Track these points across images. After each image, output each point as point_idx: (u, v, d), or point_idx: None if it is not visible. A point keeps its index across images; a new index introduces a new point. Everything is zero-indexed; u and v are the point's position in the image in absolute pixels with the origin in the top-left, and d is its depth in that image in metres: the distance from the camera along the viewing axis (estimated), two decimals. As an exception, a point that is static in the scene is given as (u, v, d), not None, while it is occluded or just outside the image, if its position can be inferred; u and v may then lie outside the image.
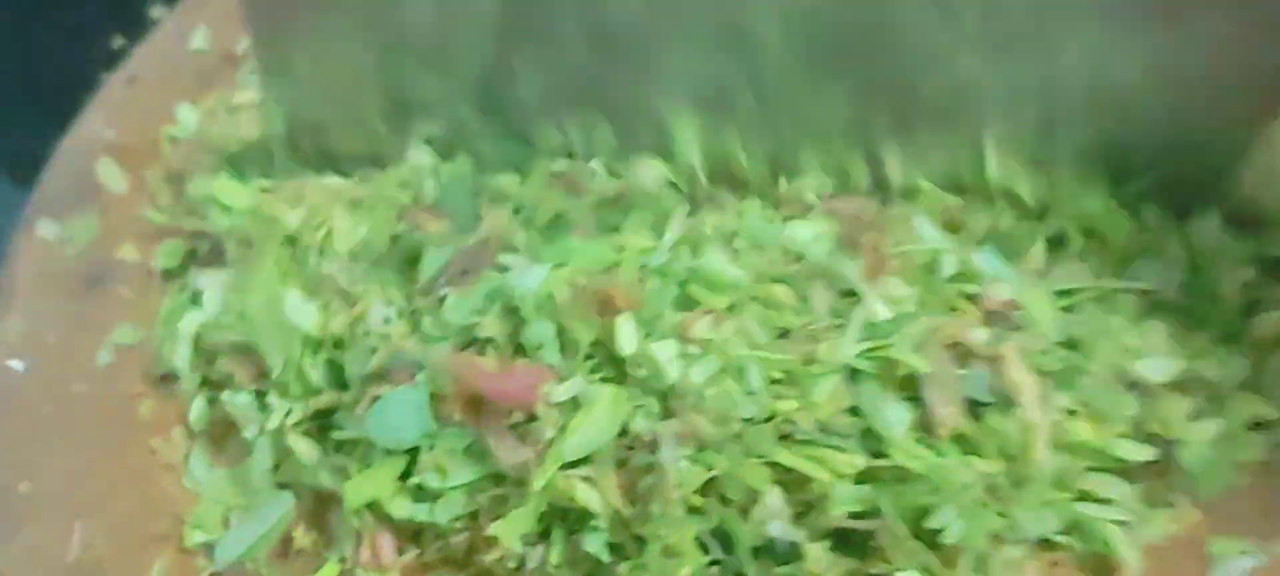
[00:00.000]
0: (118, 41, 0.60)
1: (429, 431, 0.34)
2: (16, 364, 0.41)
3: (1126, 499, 0.34)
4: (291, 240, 0.40)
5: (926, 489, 0.32)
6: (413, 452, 0.35)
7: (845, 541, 0.33)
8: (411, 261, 0.38)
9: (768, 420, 0.33)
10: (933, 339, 0.34)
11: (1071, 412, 0.34)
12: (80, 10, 0.66)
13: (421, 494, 0.35)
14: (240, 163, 0.42)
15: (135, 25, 0.58)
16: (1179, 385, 0.35)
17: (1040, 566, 0.34)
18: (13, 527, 0.37)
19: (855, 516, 0.32)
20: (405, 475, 0.35)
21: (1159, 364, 0.35)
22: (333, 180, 0.42)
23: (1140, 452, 0.34)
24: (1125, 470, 0.35)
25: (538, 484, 0.32)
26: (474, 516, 0.35)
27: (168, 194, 0.44)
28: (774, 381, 0.33)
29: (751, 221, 0.38)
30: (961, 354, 0.34)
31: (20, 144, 0.63)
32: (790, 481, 0.33)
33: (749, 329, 0.34)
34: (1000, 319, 0.35)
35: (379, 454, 0.35)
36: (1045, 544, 0.34)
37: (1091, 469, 0.35)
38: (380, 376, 0.35)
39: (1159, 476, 0.35)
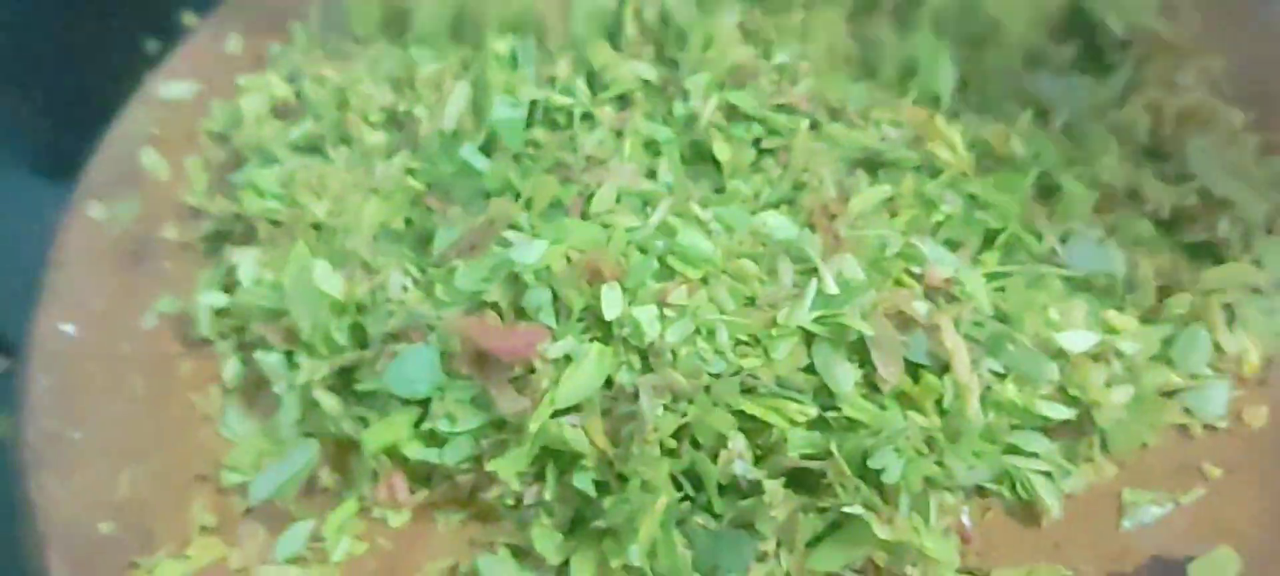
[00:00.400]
0: (151, 46, 0.66)
1: (440, 383, 0.39)
2: (68, 327, 0.45)
3: (1049, 453, 0.39)
4: (317, 225, 0.45)
5: (870, 435, 0.36)
6: (425, 403, 0.39)
7: (799, 480, 0.37)
8: (425, 240, 0.43)
9: (734, 375, 0.37)
10: (879, 308, 0.38)
11: (1000, 376, 0.39)
12: (115, 17, 0.71)
13: (432, 439, 0.39)
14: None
15: (167, 32, 0.63)
16: (1097, 356, 0.41)
17: (974, 511, 0.39)
18: (68, 469, 0.41)
19: (808, 458, 0.37)
20: (418, 423, 0.39)
21: (1079, 336, 0.40)
22: (350, 170, 0.47)
23: (1061, 412, 0.39)
24: (1048, 428, 0.39)
25: (534, 426, 0.37)
26: (478, 459, 0.39)
27: (205, 180, 0.49)
28: (739, 342, 0.38)
29: (725, 209, 0.43)
30: (904, 322, 0.38)
31: (54, 141, 0.69)
32: (752, 428, 0.37)
33: (719, 297, 0.39)
34: (939, 293, 0.40)
35: (396, 404, 0.39)
36: (978, 491, 0.39)
37: (1017, 426, 0.39)
38: (398, 336, 0.40)
39: (1079, 435, 0.40)
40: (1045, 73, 0.48)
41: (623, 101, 0.48)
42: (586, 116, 0.47)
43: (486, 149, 0.46)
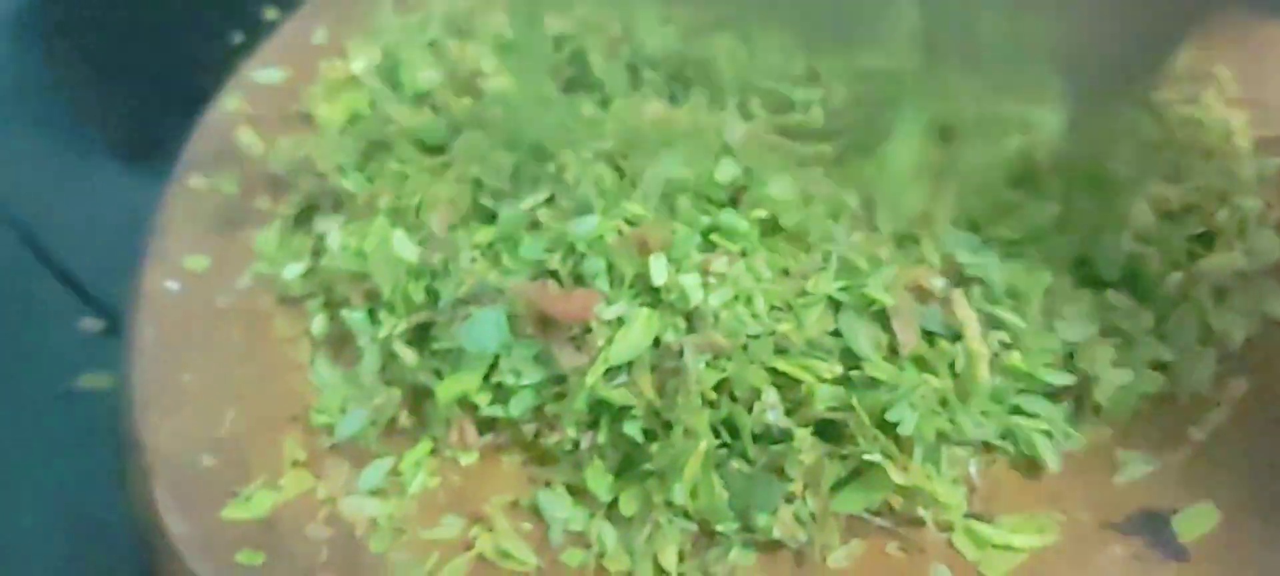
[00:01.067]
0: (236, 38, 0.70)
1: (507, 342, 0.42)
2: (173, 284, 0.49)
3: (1051, 415, 0.42)
4: (396, 208, 0.48)
5: (888, 392, 0.39)
6: (493, 359, 0.42)
7: (825, 430, 0.40)
8: (492, 217, 0.46)
9: (769, 336, 0.40)
10: (899, 281, 0.41)
11: (1008, 346, 0.42)
12: (202, 11, 0.75)
13: (500, 392, 0.42)
14: None
15: (251, 26, 0.65)
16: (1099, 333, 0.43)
17: (981, 463, 0.42)
18: (173, 409, 0.45)
19: (833, 410, 0.39)
20: (486, 376, 0.43)
21: (1081, 327, 0.42)
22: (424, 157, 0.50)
23: (1063, 379, 0.42)
24: (1050, 393, 0.42)
25: (590, 380, 0.40)
26: (540, 409, 0.42)
27: (295, 158, 0.52)
28: (774, 307, 0.41)
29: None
30: (922, 295, 0.42)
31: (144, 126, 0.73)
32: (784, 383, 0.40)
33: (756, 267, 0.42)
34: (955, 271, 0.43)
35: (467, 359, 0.43)
36: (985, 446, 0.42)
37: (1023, 390, 0.42)
38: (469, 300, 0.43)
39: (1078, 399, 0.42)
40: None
41: None
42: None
43: None
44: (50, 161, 0.70)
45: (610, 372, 0.41)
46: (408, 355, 0.44)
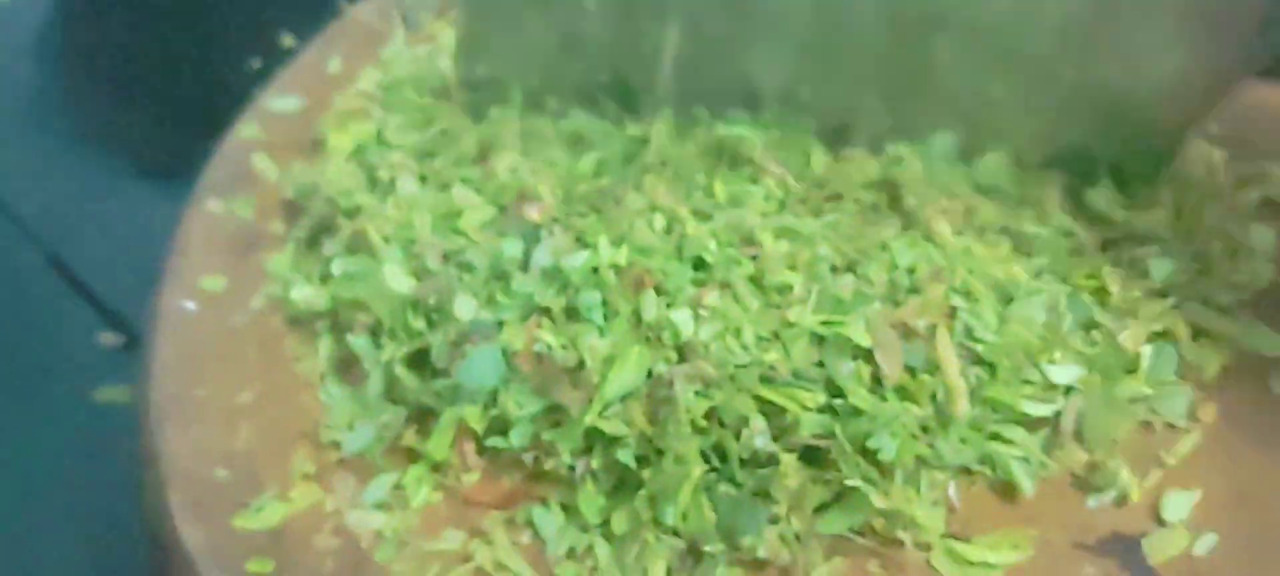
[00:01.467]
0: (254, 63, 0.71)
1: (505, 376, 0.43)
2: (189, 304, 0.50)
3: (1027, 442, 0.42)
4: (387, 239, 0.49)
5: (869, 421, 0.40)
6: (493, 392, 0.43)
7: (810, 456, 0.41)
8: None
9: (756, 365, 0.41)
10: (884, 318, 0.42)
11: (987, 381, 0.43)
12: (222, 38, 0.77)
13: (498, 422, 0.43)
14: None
15: (269, 52, 0.67)
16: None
17: (959, 486, 0.42)
18: (188, 424, 0.46)
19: (817, 437, 0.40)
20: (486, 407, 0.44)
21: (1068, 370, 0.43)
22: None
23: (1042, 410, 0.43)
24: (1028, 422, 0.43)
25: (588, 419, 0.41)
26: (538, 437, 0.43)
27: (307, 183, 0.54)
28: (761, 338, 0.42)
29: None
30: (906, 332, 0.43)
31: (165, 147, 0.74)
32: (770, 411, 0.41)
33: (744, 299, 0.43)
34: (938, 307, 0.44)
35: (466, 392, 0.43)
36: (964, 471, 0.42)
37: (1002, 420, 0.43)
38: (463, 340, 0.44)
39: (1055, 428, 0.43)
40: None
41: None
42: None
43: None
44: (73, 180, 0.72)
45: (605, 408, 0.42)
46: (409, 379, 0.45)
